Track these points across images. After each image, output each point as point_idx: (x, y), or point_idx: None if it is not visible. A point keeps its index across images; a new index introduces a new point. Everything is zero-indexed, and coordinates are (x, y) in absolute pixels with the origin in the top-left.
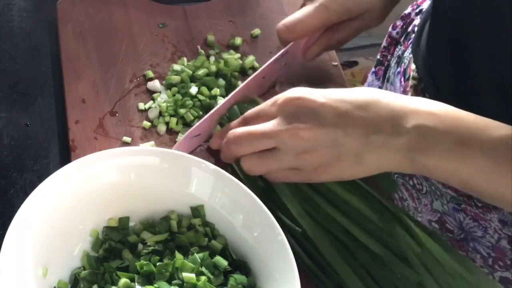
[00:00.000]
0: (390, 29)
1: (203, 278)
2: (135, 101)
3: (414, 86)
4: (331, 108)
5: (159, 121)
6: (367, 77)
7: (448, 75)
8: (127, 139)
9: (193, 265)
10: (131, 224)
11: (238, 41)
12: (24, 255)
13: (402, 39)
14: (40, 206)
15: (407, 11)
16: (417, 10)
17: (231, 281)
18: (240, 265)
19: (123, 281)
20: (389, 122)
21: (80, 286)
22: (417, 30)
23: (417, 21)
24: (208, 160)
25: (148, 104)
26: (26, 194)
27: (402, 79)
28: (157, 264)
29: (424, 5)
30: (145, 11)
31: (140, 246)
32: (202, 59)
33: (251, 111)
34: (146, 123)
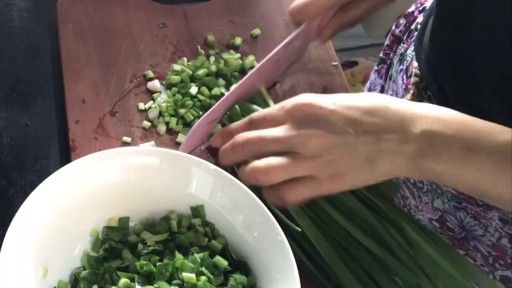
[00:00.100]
0: (393, 27)
1: (203, 278)
2: (135, 101)
3: (416, 84)
4: (341, 115)
5: (159, 121)
6: (367, 77)
7: (449, 72)
8: (127, 139)
9: (193, 265)
10: (131, 224)
11: (238, 41)
12: (24, 255)
13: (405, 37)
14: (40, 206)
15: (411, 10)
16: (421, 8)
17: (231, 281)
18: (240, 265)
19: (123, 281)
20: (398, 128)
21: (80, 286)
22: (420, 27)
23: (420, 19)
24: (208, 160)
25: (148, 104)
26: (26, 194)
27: (404, 77)
28: (157, 264)
29: (428, 3)
30: (145, 11)
31: (140, 246)
32: (202, 59)
33: (257, 114)
34: (146, 123)
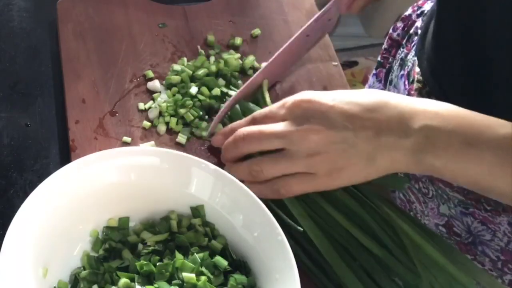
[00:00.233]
0: (390, 30)
1: (203, 278)
2: (135, 101)
3: (419, 89)
4: (341, 111)
5: (159, 121)
6: (367, 77)
7: (456, 76)
8: (127, 139)
9: (193, 265)
10: (131, 224)
11: (238, 41)
12: (24, 255)
13: (404, 41)
14: (40, 206)
15: (407, 13)
16: (418, 11)
17: (231, 281)
18: (240, 265)
19: (123, 281)
20: (397, 124)
21: (80, 286)
22: (420, 32)
23: (419, 23)
24: (208, 160)
25: (148, 104)
26: (26, 194)
27: (406, 82)
28: (157, 264)
29: (426, 7)
30: (145, 11)
31: (140, 246)
32: (202, 59)
33: (259, 112)
34: (146, 123)
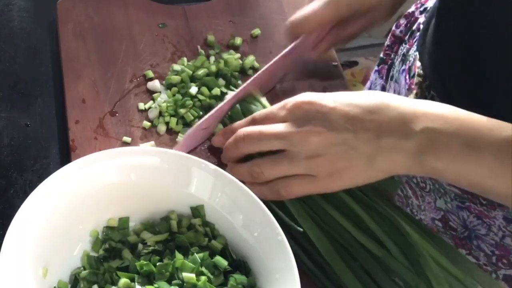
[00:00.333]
0: (393, 27)
1: (203, 278)
2: (135, 101)
3: (419, 83)
4: (342, 112)
5: (159, 121)
6: (367, 77)
7: (455, 71)
8: (127, 139)
9: (193, 265)
10: (131, 224)
11: (238, 41)
12: (24, 255)
13: (407, 37)
14: (40, 206)
15: (410, 10)
16: (421, 8)
17: (231, 281)
18: (240, 265)
19: (123, 281)
20: (399, 126)
21: (80, 286)
22: (422, 27)
23: (421, 19)
24: (209, 160)
25: (148, 104)
26: (26, 194)
27: (407, 77)
28: (157, 264)
29: (429, 3)
30: (145, 11)
31: (140, 246)
32: (202, 59)
33: (259, 113)
34: (146, 123)
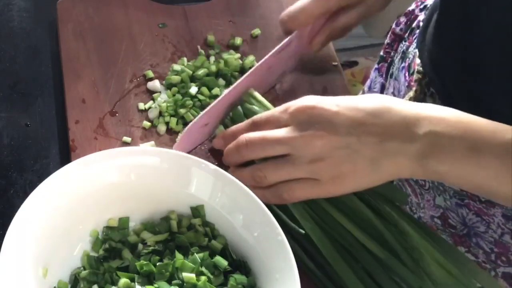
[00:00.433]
0: (393, 25)
1: (203, 278)
2: (135, 101)
3: (419, 80)
4: (345, 117)
5: (159, 121)
6: (367, 77)
7: (454, 68)
8: (127, 139)
9: (193, 265)
10: (131, 224)
11: (238, 41)
12: (24, 255)
13: (407, 35)
14: (40, 206)
15: (411, 8)
16: (421, 6)
17: (231, 281)
18: (240, 265)
19: (123, 281)
20: (402, 129)
21: (80, 286)
22: (422, 24)
23: (421, 17)
24: (209, 161)
25: (148, 104)
26: (26, 194)
27: (407, 74)
28: (157, 264)
29: (428, 1)
30: (145, 11)
31: (140, 246)
32: (202, 59)
33: (260, 116)
34: (146, 123)
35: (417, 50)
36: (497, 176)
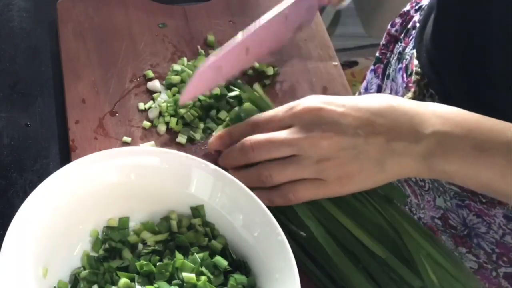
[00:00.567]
0: (389, 26)
1: (203, 278)
2: (135, 101)
3: (417, 82)
4: (352, 117)
5: (159, 121)
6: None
7: (455, 69)
8: (127, 139)
9: (193, 265)
10: (131, 224)
11: None
12: (24, 255)
13: (402, 35)
14: (40, 206)
15: (406, 9)
16: (416, 7)
17: (231, 281)
18: (240, 265)
19: (123, 281)
20: (407, 129)
21: (80, 286)
22: (420, 24)
23: (416, 18)
24: (209, 160)
25: (148, 104)
26: (26, 194)
27: (404, 75)
28: (157, 264)
29: (423, 2)
30: (145, 11)
31: (140, 246)
32: (202, 59)
33: (262, 117)
34: (146, 123)
35: (414, 51)
36: (504, 175)
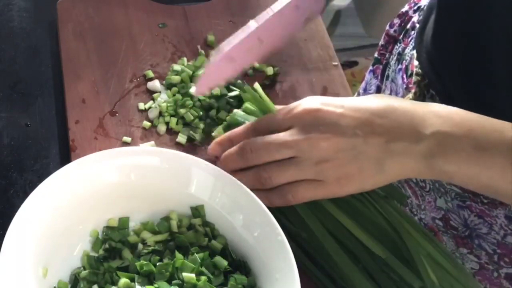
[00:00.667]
0: (387, 27)
1: (203, 278)
2: (135, 101)
3: (418, 82)
4: (351, 118)
5: (159, 121)
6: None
7: (456, 69)
8: (127, 139)
9: (193, 265)
10: (131, 224)
11: None
12: (24, 255)
13: (401, 36)
14: (40, 206)
15: (404, 9)
16: (415, 7)
17: (231, 281)
18: (240, 265)
19: (123, 281)
20: (408, 129)
21: (80, 286)
22: (419, 25)
23: (415, 18)
24: (208, 160)
25: (148, 104)
26: (26, 194)
27: (404, 76)
28: (157, 264)
29: (422, 2)
30: (145, 11)
31: (140, 246)
32: (202, 59)
33: (260, 121)
34: (146, 123)
35: (414, 52)
36: (504, 175)
